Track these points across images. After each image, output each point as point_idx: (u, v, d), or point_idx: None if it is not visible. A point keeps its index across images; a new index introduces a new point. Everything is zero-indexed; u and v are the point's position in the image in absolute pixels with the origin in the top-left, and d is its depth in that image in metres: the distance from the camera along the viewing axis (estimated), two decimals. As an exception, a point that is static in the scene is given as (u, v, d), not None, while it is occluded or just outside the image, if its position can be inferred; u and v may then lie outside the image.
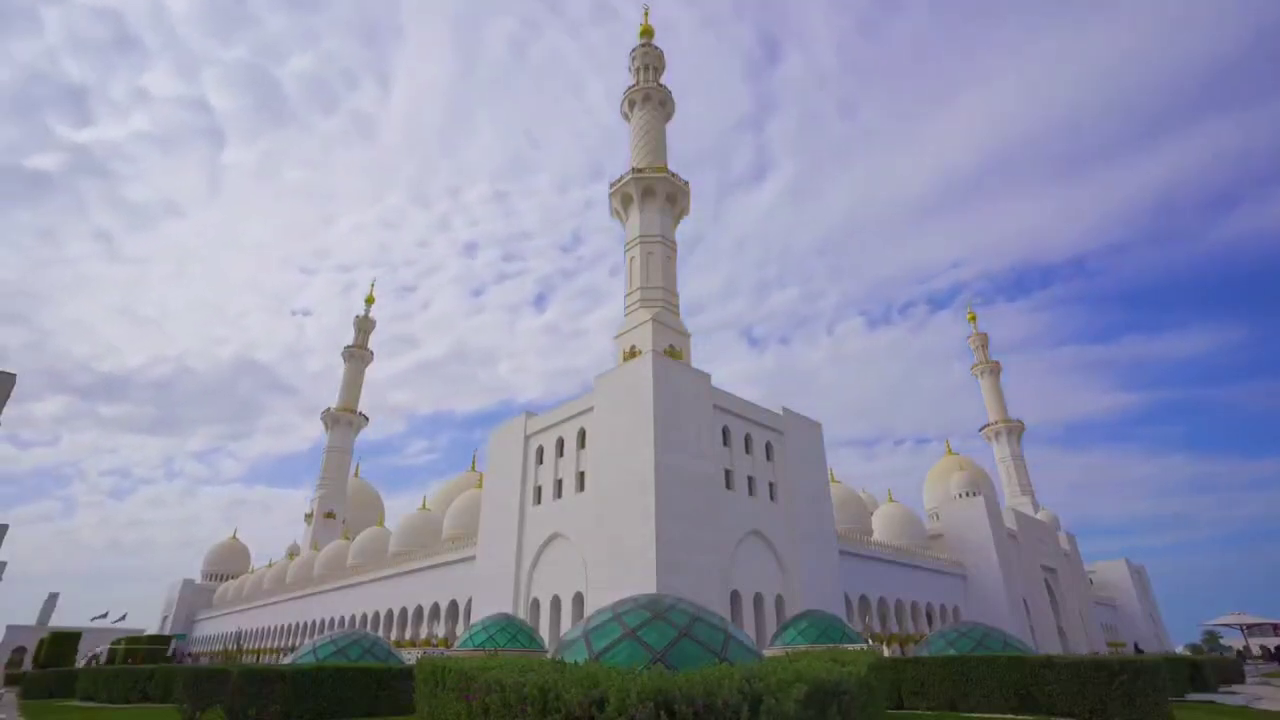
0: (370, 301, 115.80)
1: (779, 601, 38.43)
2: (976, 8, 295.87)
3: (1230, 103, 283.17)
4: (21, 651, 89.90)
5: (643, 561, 30.98)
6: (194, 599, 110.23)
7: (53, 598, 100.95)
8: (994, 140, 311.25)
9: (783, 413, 44.31)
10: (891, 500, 70.21)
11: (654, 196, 49.83)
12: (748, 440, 40.67)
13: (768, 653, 20.18)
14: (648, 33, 60.56)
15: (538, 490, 41.84)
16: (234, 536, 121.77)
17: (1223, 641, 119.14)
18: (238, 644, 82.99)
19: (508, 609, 38.56)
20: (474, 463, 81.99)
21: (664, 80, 58.44)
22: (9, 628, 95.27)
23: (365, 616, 58.76)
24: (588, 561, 35.09)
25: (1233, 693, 28.32)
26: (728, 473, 38.30)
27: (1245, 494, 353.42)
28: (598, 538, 34.64)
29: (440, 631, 49.80)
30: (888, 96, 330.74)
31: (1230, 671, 36.96)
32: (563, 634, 16.76)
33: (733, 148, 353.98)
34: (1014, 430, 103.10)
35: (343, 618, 62.20)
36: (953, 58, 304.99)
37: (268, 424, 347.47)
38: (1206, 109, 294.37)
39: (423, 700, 10.44)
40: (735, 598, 35.39)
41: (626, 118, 57.49)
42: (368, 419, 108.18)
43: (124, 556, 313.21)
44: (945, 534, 65.30)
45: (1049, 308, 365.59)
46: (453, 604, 48.65)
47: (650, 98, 55.85)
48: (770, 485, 41.26)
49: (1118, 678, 16.56)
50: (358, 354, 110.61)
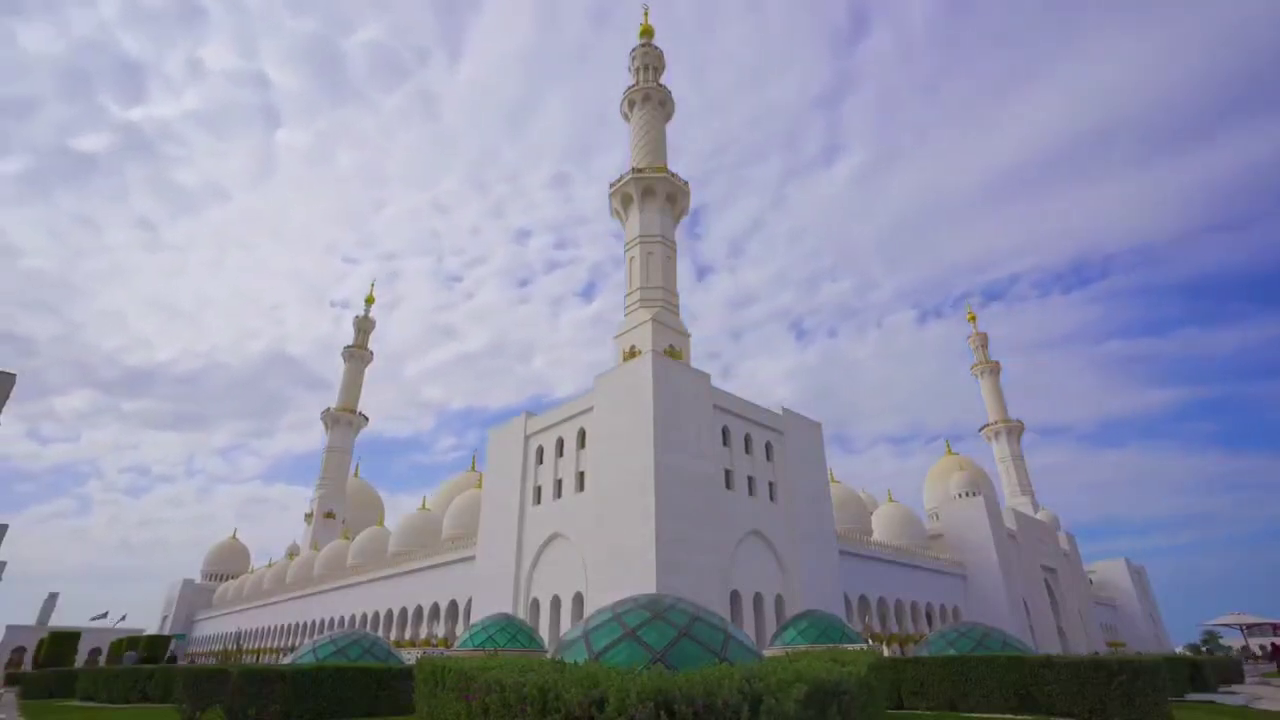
0: (370, 301, 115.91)
1: (779, 601, 38.43)
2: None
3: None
4: (21, 651, 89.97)
5: (643, 561, 30.98)
6: (194, 599, 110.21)
7: (52, 598, 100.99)
8: (1074, 122, 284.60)
9: (782, 413, 44.32)
10: (891, 500, 70.23)
11: (654, 196, 49.86)
12: (747, 440, 40.68)
13: (768, 653, 20.17)
14: (648, 33, 60.55)
15: (538, 490, 41.84)
16: (234, 536, 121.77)
17: (1222, 641, 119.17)
18: (237, 644, 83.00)
19: (508, 609, 38.56)
20: (474, 463, 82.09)
21: (723, 62, 57.71)
22: (9, 628, 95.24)
23: (365, 616, 58.75)
24: (588, 561, 35.09)
25: (1232, 693, 28.33)
26: (727, 473, 38.30)
27: (1272, 493, 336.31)
28: (598, 538, 34.64)
29: (440, 631, 49.79)
30: (972, 74, 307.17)
31: (1230, 671, 36.99)
32: (563, 634, 16.76)
33: (805, 129, 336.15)
34: (1014, 430, 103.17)
35: (343, 618, 62.19)
36: (1047, 31, 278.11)
37: (292, 420, 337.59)
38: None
39: (422, 700, 10.45)
40: (735, 598, 35.39)
41: (626, 118, 57.50)
42: (367, 419, 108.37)
43: (133, 556, 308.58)
44: (945, 534, 65.30)
45: (1104, 300, 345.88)
46: (453, 604, 48.65)
47: (650, 98, 55.87)
48: (770, 485, 41.26)
49: (1117, 678, 16.56)
50: (357, 354, 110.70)
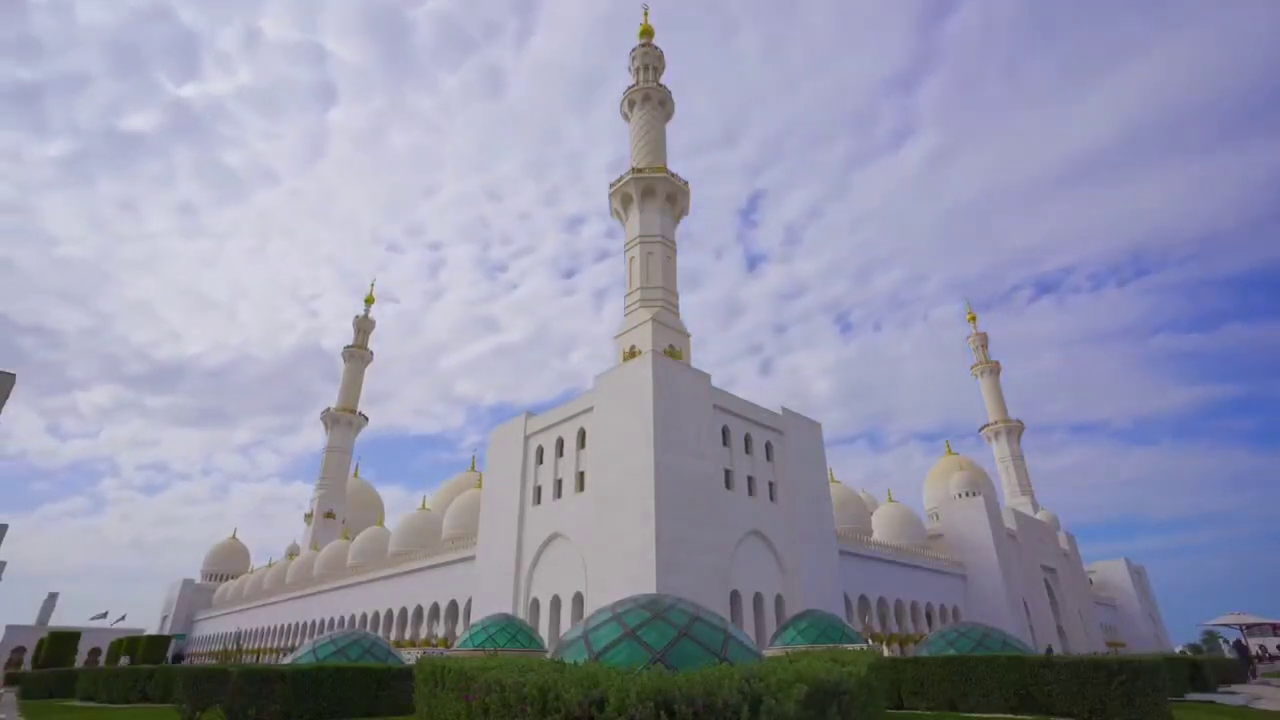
0: (370, 302, 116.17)
1: (779, 601, 38.43)
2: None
3: None
4: (21, 651, 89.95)
5: (643, 561, 30.98)
6: (194, 599, 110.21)
7: (52, 598, 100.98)
8: (1150, 107, 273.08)
9: (782, 413, 44.32)
10: (891, 500, 70.23)
11: (654, 196, 49.84)
12: (747, 440, 40.67)
13: (768, 653, 20.18)
14: (647, 32, 60.52)
15: (537, 490, 41.84)
16: (234, 536, 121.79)
17: (1222, 641, 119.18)
18: (237, 644, 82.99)
19: (508, 609, 38.56)
20: (474, 463, 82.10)
21: (790, 44, 55.58)
22: (9, 628, 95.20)
23: (365, 616, 58.74)
24: (588, 561, 35.08)
25: (1232, 693, 28.32)
26: (727, 473, 38.29)
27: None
28: (598, 538, 34.63)
29: (440, 631, 49.78)
30: (1055, 54, 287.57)
31: (1230, 671, 36.99)
32: (563, 634, 16.76)
33: (877, 110, 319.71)
34: (1013, 430, 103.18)
35: (342, 618, 62.18)
36: (1142, 10, 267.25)
37: (318, 416, 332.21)
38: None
39: (422, 700, 10.45)
40: (735, 598, 35.38)
41: (626, 118, 57.48)
42: (367, 419, 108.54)
43: (144, 555, 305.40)
44: (945, 534, 65.30)
45: (1156, 293, 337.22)
46: (453, 604, 48.64)
47: (650, 98, 55.86)
48: (770, 485, 41.26)
49: (1117, 678, 16.56)
50: (357, 354, 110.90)
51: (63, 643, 54.92)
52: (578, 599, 35.70)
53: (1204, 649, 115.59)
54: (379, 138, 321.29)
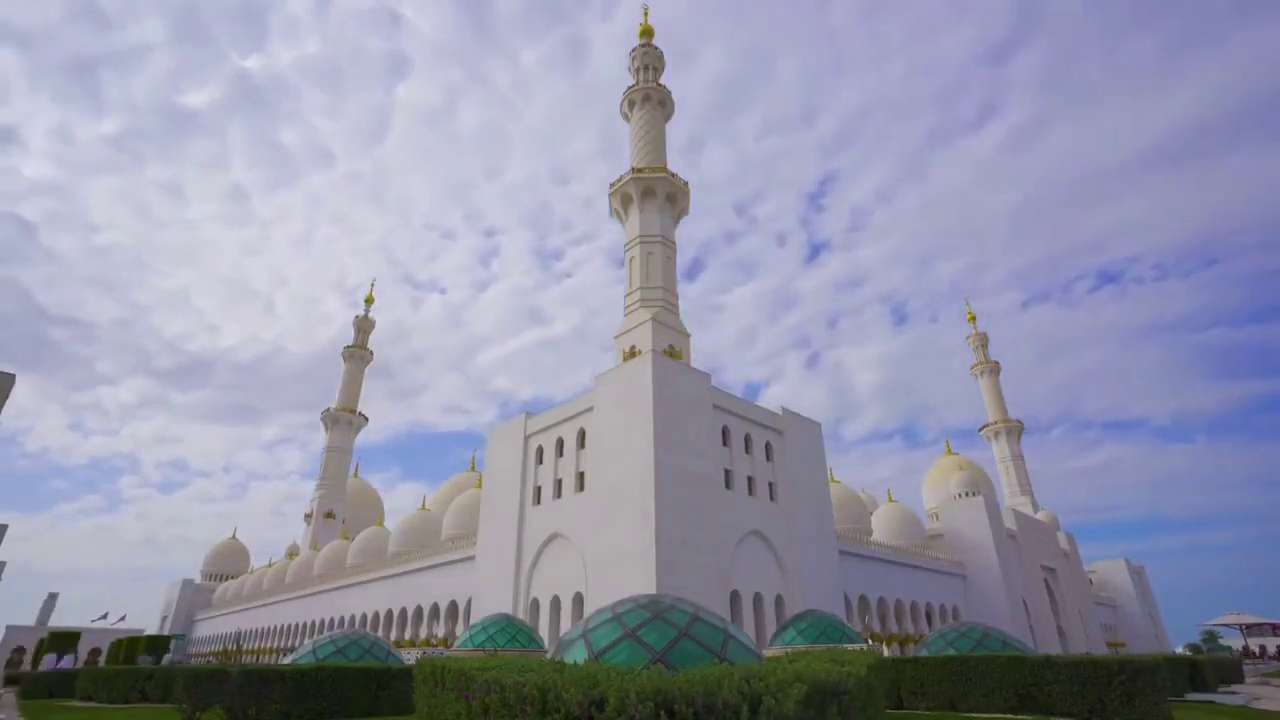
0: (370, 302, 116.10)
1: (779, 601, 38.43)
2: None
3: None
4: (21, 651, 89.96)
5: (643, 561, 30.99)
6: (194, 599, 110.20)
7: (52, 598, 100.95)
8: (1250, 87, 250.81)
9: (782, 413, 44.34)
10: (891, 500, 70.24)
11: (654, 196, 49.85)
12: (747, 440, 40.68)
13: (768, 653, 20.19)
14: (647, 33, 60.53)
15: (537, 490, 41.84)
16: (234, 536, 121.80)
17: (1222, 641, 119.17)
18: (237, 644, 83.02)
19: (508, 609, 38.57)
20: (474, 463, 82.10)
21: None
22: (9, 628, 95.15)
23: (365, 616, 58.74)
24: (588, 561, 35.09)
25: (1232, 693, 28.33)
26: (727, 473, 38.31)
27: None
28: (598, 538, 34.64)
29: (440, 631, 49.78)
30: (1161, 27, 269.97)
31: (1229, 671, 37.00)
32: (563, 634, 16.76)
33: (966, 85, 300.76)
34: (1013, 430, 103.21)
35: (342, 618, 62.17)
36: None
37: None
38: None
39: (422, 700, 10.44)
40: (735, 598, 35.40)
41: (626, 118, 57.49)
42: (367, 419, 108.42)
43: (155, 554, 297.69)
44: (945, 534, 65.31)
45: (1220, 283, 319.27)
46: (453, 604, 48.64)
47: (650, 98, 55.87)
48: (770, 485, 41.27)
49: (1117, 678, 16.58)
50: (357, 354, 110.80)
51: (62, 643, 54.94)
52: (578, 599, 35.70)
53: (1204, 649, 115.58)
54: (449, 114, 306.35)
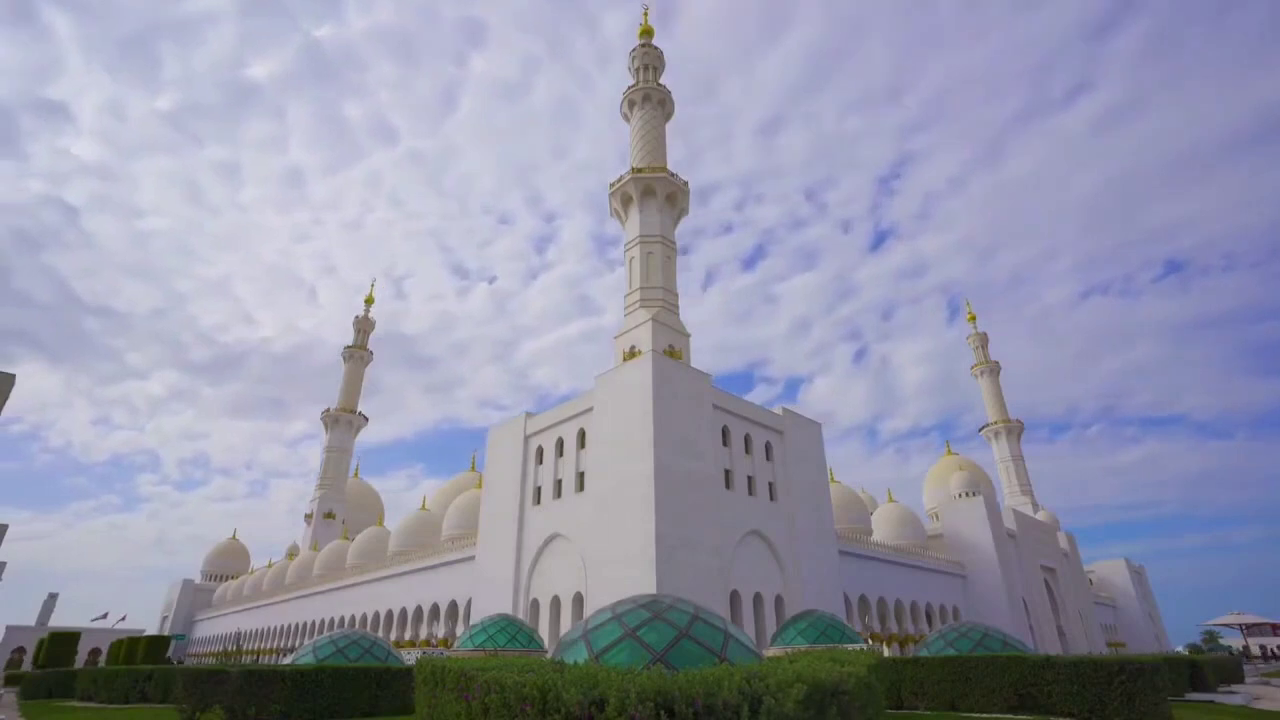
0: (370, 302, 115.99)
1: (779, 601, 38.43)
2: None
3: None
4: (21, 651, 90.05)
5: (643, 562, 30.98)
6: (194, 599, 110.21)
7: (52, 598, 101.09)
8: None
9: (782, 413, 44.34)
10: (891, 500, 70.26)
11: (654, 196, 49.84)
12: (747, 440, 40.68)
13: (768, 653, 20.20)
14: (648, 33, 60.51)
15: (537, 490, 41.83)
16: (234, 537, 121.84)
17: (1222, 641, 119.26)
18: (237, 644, 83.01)
19: (508, 609, 38.57)
20: (474, 463, 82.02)
21: None
22: (9, 628, 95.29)
23: (365, 616, 58.73)
24: (588, 562, 35.09)
25: (1232, 692, 28.33)
26: (727, 473, 38.30)
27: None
28: (598, 538, 34.63)
29: (440, 631, 49.78)
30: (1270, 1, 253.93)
31: (1229, 671, 37.00)
32: (563, 634, 16.76)
33: (1062, 60, 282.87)
34: (1013, 430, 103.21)
35: (342, 618, 62.16)
36: None
37: (380, 404, 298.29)
38: None
39: (422, 700, 10.44)
40: (735, 598, 35.39)
41: (626, 118, 57.48)
42: (367, 419, 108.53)
43: (166, 554, 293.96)
44: (945, 534, 65.32)
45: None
46: (453, 604, 48.64)
47: (650, 98, 55.87)
48: (770, 485, 41.26)
49: (1117, 678, 16.58)
50: (357, 354, 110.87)
51: (63, 643, 54.92)
52: (578, 599, 35.69)
53: (1204, 649, 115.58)
54: (523, 91, 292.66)
